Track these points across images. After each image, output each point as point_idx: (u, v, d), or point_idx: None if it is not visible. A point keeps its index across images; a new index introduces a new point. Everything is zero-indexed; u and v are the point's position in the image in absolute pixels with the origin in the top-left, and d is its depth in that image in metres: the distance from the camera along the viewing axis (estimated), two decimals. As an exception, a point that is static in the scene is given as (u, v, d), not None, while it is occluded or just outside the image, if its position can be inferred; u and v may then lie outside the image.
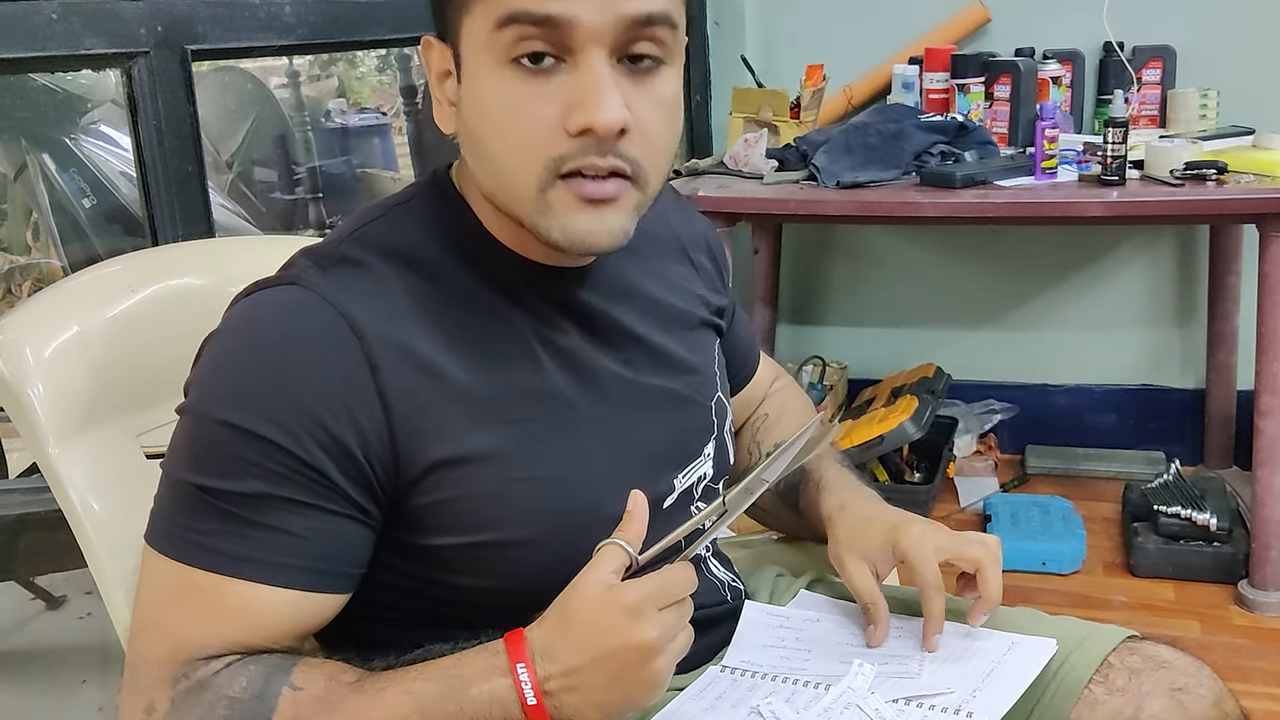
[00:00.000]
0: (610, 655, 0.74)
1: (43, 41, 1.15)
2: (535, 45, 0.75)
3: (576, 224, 0.78)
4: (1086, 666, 0.93)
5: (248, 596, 0.77)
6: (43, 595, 2.20)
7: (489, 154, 0.79)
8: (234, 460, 0.76)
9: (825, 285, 2.94)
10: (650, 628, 0.74)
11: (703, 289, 1.03)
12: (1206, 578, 2.18)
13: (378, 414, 0.78)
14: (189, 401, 0.80)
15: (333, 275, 0.81)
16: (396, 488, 0.80)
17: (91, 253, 2.57)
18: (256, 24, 1.39)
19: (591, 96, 0.74)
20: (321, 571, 0.78)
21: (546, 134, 0.76)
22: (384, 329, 0.79)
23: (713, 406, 0.99)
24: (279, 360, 0.78)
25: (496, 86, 0.77)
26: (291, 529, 0.77)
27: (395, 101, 4.77)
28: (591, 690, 0.74)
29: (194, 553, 0.77)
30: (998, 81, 2.38)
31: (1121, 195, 2.03)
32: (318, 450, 0.76)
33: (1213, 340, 2.60)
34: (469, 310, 0.84)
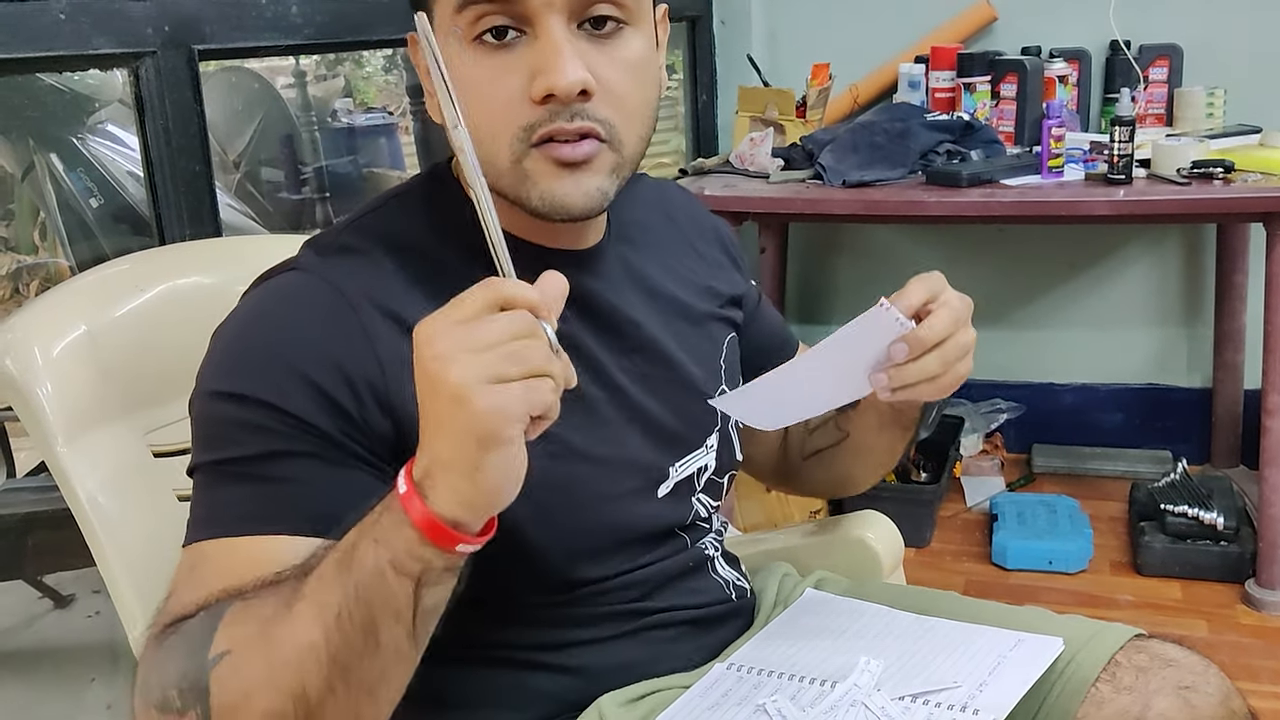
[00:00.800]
0: (432, 415, 0.65)
1: (50, 41, 1.15)
2: (495, 20, 0.77)
3: (554, 188, 0.80)
4: (1093, 665, 0.93)
5: (257, 550, 0.76)
6: (51, 594, 2.21)
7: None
8: (236, 427, 0.77)
9: (832, 284, 2.94)
10: (452, 369, 0.63)
11: (711, 281, 1.04)
12: (1213, 577, 2.18)
13: (375, 379, 0.79)
14: (193, 394, 0.82)
15: (331, 259, 0.84)
16: (394, 452, 0.80)
17: (99, 252, 2.57)
18: (263, 24, 1.40)
19: (550, 62, 0.77)
20: (330, 517, 0.74)
21: (514, 105, 0.78)
22: (379, 302, 0.81)
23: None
24: (274, 332, 0.80)
25: (465, 68, 0.79)
26: (298, 478, 0.77)
27: (401, 101, 4.77)
28: (439, 459, 0.65)
29: (207, 527, 0.77)
30: (1004, 80, 2.38)
31: (1128, 194, 2.03)
32: (313, 408, 0.77)
33: (1219, 339, 2.59)
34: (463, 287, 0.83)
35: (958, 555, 2.37)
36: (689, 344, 0.98)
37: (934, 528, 2.45)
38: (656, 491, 0.93)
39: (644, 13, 0.82)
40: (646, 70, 0.83)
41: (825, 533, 1.20)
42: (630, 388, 0.92)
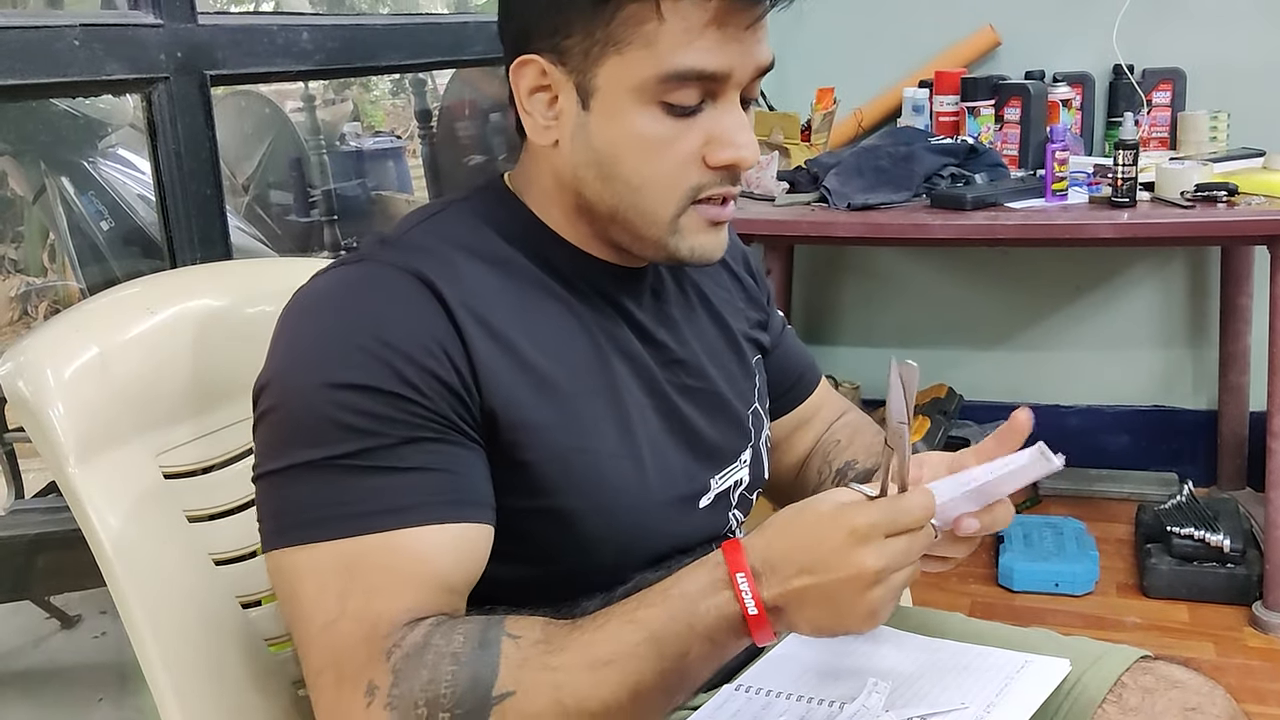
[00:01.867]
0: (827, 578, 0.73)
1: (65, 67, 1.16)
2: (691, 97, 0.82)
3: (703, 243, 0.87)
4: (1100, 686, 0.93)
5: (417, 543, 0.77)
6: (58, 614, 2.21)
7: (628, 181, 0.84)
8: (365, 418, 0.77)
9: (837, 306, 2.95)
10: (872, 556, 0.72)
11: (743, 303, 1.08)
12: (1220, 599, 2.18)
13: (466, 361, 0.81)
14: (280, 390, 0.80)
15: (402, 251, 0.85)
16: (485, 430, 0.83)
17: (109, 275, 2.58)
18: (274, 50, 1.41)
19: (739, 137, 0.83)
20: (471, 502, 0.80)
21: (688, 166, 0.84)
22: (459, 295, 0.83)
23: (749, 416, 1.02)
24: (375, 320, 0.80)
25: (645, 124, 0.82)
26: (435, 465, 0.79)
27: (409, 125, 4.80)
28: (806, 607, 0.74)
29: (350, 523, 0.77)
30: (1008, 104, 2.40)
31: (1132, 217, 2.03)
32: (436, 397, 0.79)
33: (1224, 361, 2.60)
34: (532, 291, 0.88)
35: (963, 577, 2.36)
36: (725, 361, 1.01)
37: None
38: (699, 502, 0.95)
39: None
40: None
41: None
42: (676, 398, 0.94)
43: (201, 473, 0.99)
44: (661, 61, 0.80)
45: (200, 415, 1.00)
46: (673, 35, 0.79)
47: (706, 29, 0.79)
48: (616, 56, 0.81)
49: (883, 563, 0.73)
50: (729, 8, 0.79)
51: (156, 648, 0.91)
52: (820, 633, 0.75)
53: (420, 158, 3.88)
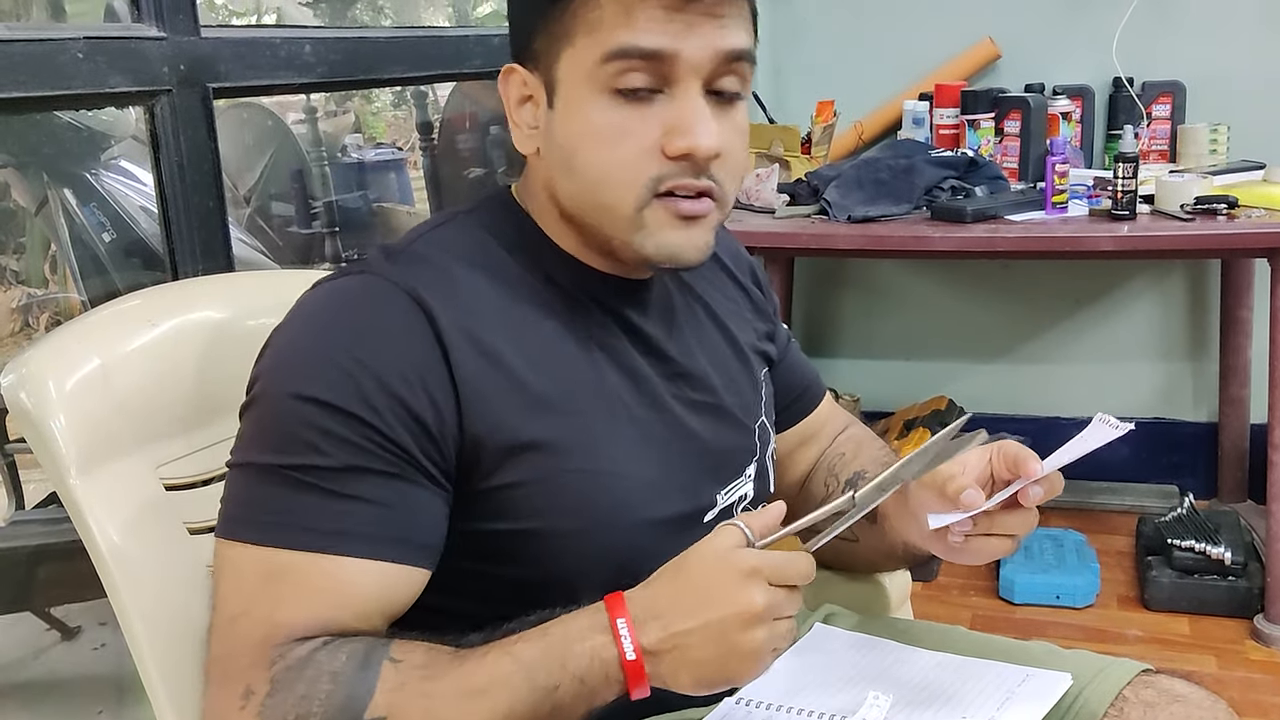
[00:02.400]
0: (715, 615, 0.75)
1: (68, 80, 1.17)
2: (639, 79, 0.81)
3: (670, 239, 0.85)
4: (1101, 700, 0.93)
5: (338, 571, 0.78)
6: (58, 626, 2.20)
7: (586, 174, 0.84)
8: (318, 434, 0.78)
9: (837, 318, 2.95)
10: (759, 594, 0.75)
11: (750, 314, 1.07)
12: (1221, 612, 2.17)
13: (449, 394, 0.81)
14: (262, 387, 0.82)
15: (404, 265, 0.85)
16: (460, 469, 0.82)
17: (111, 286, 2.59)
18: (277, 62, 1.41)
19: (692, 124, 0.81)
20: (409, 543, 0.80)
21: (646, 156, 0.82)
22: (453, 315, 0.82)
23: (756, 429, 1.01)
24: (358, 338, 0.80)
25: (598, 113, 0.82)
26: (379, 499, 0.79)
27: (410, 136, 4.81)
28: (690, 650, 0.75)
29: (282, 533, 0.78)
30: (1008, 117, 2.40)
31: (1132, 229, 2.04)
32: (399, 426, 0.79)
33: (1225, 374, 2.60)
34: (530, 306, 0.88)
35: (964, 589, 2.36)
36: (732, 374, 1.00)
37: (940, 562, 2.44)
38: (704, 518, 0.94)
39: (749, 87, 0.87)
40: (748, 137, 0.90)
41: (833, 567, 1.20)
42: (680, 412, 0.94)
43: (202, 484, 0.99)
44: (604, 42, 0.80)
45: (201, 427, 1.00)
46: (613, 16, 0.80)
47: (647, 7, 0.79)
48: (570, 48, 0.82)
49: (766, 601, 0.75)
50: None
51: (155, 659, 0.91)
52: (701, 681, 0.76)
53: (421, 169, 3.89)
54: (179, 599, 0.94)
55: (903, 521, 0.98)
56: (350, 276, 0.85)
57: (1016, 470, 0.88)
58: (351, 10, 7.56)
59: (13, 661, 2.19)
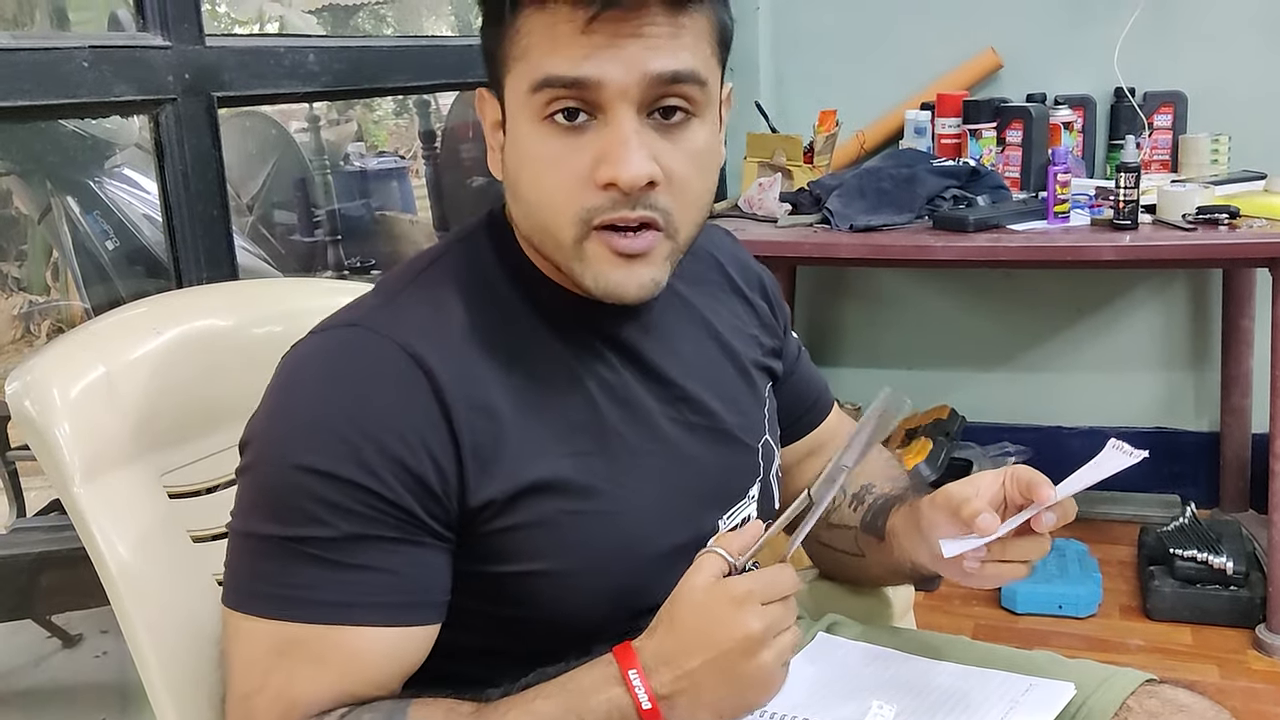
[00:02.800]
0: (719, 650, 0.76)
1: (74, 89, 1.17)
2: (566, 104, 0.78)
3: (609, 276, 0.81)
4: (1105, 710, 0.93)
5: (352, 642, 0.77)
6: (59, 634, 2.20)
7: (528, 203, 0.82)
8: (320, 505, 0.77)
9: (839, 327, 2.95)
10: (754, 618, 0.77)
11: (756, 329, 1.05)
12: (1224, 622, 2.17)
13: (449, 448, 0.79)
14: (257, 454, 0.80)
15: (397, 313, 0.83)
16: (463, 518, 0.81)
17: (114, 294, 2.59)
18: (281, 71, 1.42)
19: (617, 152, 0.77)
20: (418, 604, 0.80)
21: (578, 187, 0.79)
22: (450, 368, 0.81)
23: (759, 449, 0.99)
24: (352, 402, 0.78)
25: (534, 142, 0.80)
26: (386, 566, 0.78)
27: (412, 145, 4.82)
28: (704, 689, 0.76)
29: (291, 607, 0.77)
30: (1009, 127, 2.41)
31: (1134, 239, 2.04)
32: (400, 489, 0.78)
33: (1227, 383, 2.60)
34: (525, 345, 0.86)
35: (966, 599, 2.36)
36: (734, 393, 0.98)
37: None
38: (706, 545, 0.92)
39: (711, 103, 0.83)
40: (709, 159, 0.84)
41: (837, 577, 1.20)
42: (679, 439, 0.92)
43: (206, 493, 0.99)
44: (531, 72, 0.78)
45: (205, 435, 1.00)
46: (540, 45, 0.77)
47: (574, 36, 0.76)
48: (509, 75, 0.81)
49: (764, 623, 0.77)
50: (582, 15, 0.75)
51: (159, 668, 0.91)
52: (721, 715, 0.77)
53: (424, 178, 3.90)
54: (183, 607, 0.94)
55: (912, 542, 0.98)
56: (344, 329, 0.83)
57: (1029, 495, 0.86)
58: (354, 19, 7.59)
59: (14, 669, 2.19)
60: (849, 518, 1.09)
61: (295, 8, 6.80)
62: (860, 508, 1.08)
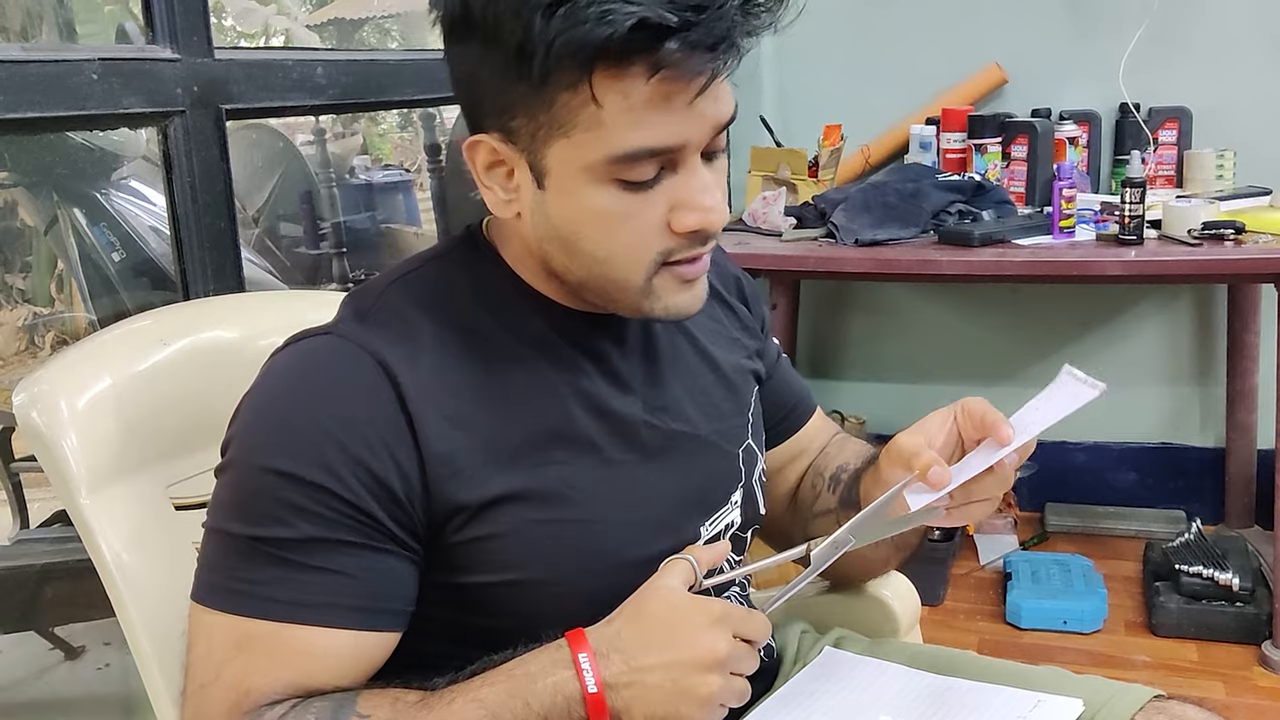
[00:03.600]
0: (678, 655, 0.77)
1: (83, 101, 1.17)
2: (648, 172, 0.79)
3: (677, 301, 0.85)
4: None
5: (307, 640, 0.78)
6: (62, 646, 2.20)
7: (593, 254, 0.82)
8: (283, 506, 0.78)
9: (843, 340, 2.95)
10: (723, 641, 0.78)
11: (737, 332, 1.05)
12: (1230, 638, 2.16)
13: (413, 455, 0.80)
14: (230, 455, 0.82)
15: (368, 323, 0.84)
16: (430, 526, 0.82)
17: (120, 306, 2.60)
18: (289, 84, 1.42)
19: (702, 200, 0.80)
20: (376, 610, 0.81)
21: (653, 235, 0.81)
22: (417, 374, 0.82)
23: (740, 454, 0.99)
24: (319, 405, 0.80)
25: (601, 199, 0.79)
26: (344, 569, 0.79)
27: (417, 158, 4.83)
28: (648, 688, 0.77)
29: (249, 603, 0.78)
30: (1015, 142, 2.41)
31: (1140, 254, 2.04)
32: (364, 492, 0.78)
33: (1232, 399, 2.59)
34: (498, 356, 0.86)
35: (971, 614, 2.35)
36: (715, 399, 0.98)
37: (947, 586, 2.44)
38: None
39: None
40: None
41: (843, 590, 1.19)
42: (657, 449, 0.92)
43: (212, 505, 0.99)
44: (609, 144, 0.76)
45: (210, 446, 0.99)
46: (615, 116, 0.75)
47: (652, 106, 0.75)
48: (564, 139, 0.78)
49: (729, 650, 0.78)
50: (671, 80, 0.74)
51: (164, 679, 0.91)
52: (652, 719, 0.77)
53: (428, 191, 3.91)
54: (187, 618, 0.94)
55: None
56: (317, 338, 0.84)
57: (984, 432, 0.88)
58: (359, 33, 7.61)
59: (16, 681, 2.18)
60: (829, 501, 1.09)
61: (301, 22, 6.83)
62: (838, 488, 1.08)
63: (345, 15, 7.49)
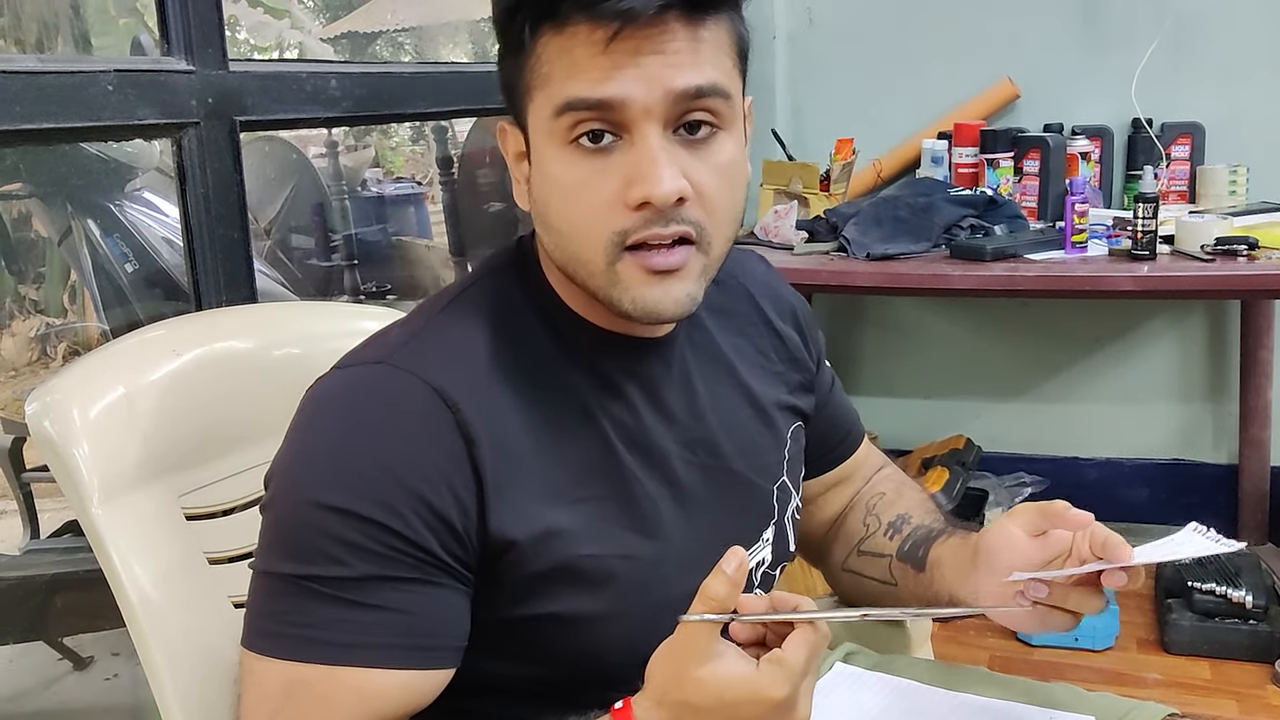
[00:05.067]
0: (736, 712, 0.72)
1: (98, 112, 1.18)
2: (592, 125, 0.77)
3: (645, 295, 0.80)
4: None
5: (362, 682, 0.76)
6: (70, 656, 2.20)
7: (558, 230, 0.81)
8: (338, 544, 0.75)
9: (855, 355, 2.95)
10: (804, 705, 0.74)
11: (783, 365, 1.02)
12: (1243, 656, 2.15)
13: (473, 486, 0.78)
14: (279, 491, 0.80)
15: (422, 348, 0.82)
16: (484, 555, 0.80)
17: (132, 317, 2.61)
18: (303, 97, 1.43)
19: (647, 170, 0.76)
20: (432, 648, 0.78)
21: (609, 209, 0.78)
22: (475, 401, 0.79)
23: (775, 491, 0.98)
24: (378, 441, 0.77)
25: (560, 166, 0.79)
26: (401, 607, 0.76)
27: (428, 171, 4.84)
28: None
29: (302, 647, 0.76)
30: (1027, 156, 2.41)
31: (1152, 270, 2.03)
32: (423, 528, 0.76)
33: (1245, 415, 2.58)
34: (545, 379, 0.84)
35: (981, 630, 2.34)
36: (752, 433, 0.96)
37: (958, 602, 2.42)
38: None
39: (736, 116, 0.82)
40: (737, 172, 0.83)
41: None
42: (693, 483, 0.90)
43: (223, 514, 0.99)
44: (553, 96, 0.77)
45: (223, 457, 1.00)
46: (560, 69, 0.77)
47: (594, 57, 0.75)
48: (531, 103, 0.80)
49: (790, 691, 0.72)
50: (612, 30, 0.74)
51: (175, 690, 0.91)
52: None
53: (440, 203, 3.92)
54: (199, 629, 0.94)
55: (959, 573, 0.96)
56: (368, 366, 0.81)
57: (1103, 554, 0.85)
58: (372, 46, 7.65)
59: (24, 691, 2.19)
60: (884, 545, 1.07)
61: (314, 35, 6.87)
62: (897, 536, 1.05)
63: (358, 29, 7.53)
